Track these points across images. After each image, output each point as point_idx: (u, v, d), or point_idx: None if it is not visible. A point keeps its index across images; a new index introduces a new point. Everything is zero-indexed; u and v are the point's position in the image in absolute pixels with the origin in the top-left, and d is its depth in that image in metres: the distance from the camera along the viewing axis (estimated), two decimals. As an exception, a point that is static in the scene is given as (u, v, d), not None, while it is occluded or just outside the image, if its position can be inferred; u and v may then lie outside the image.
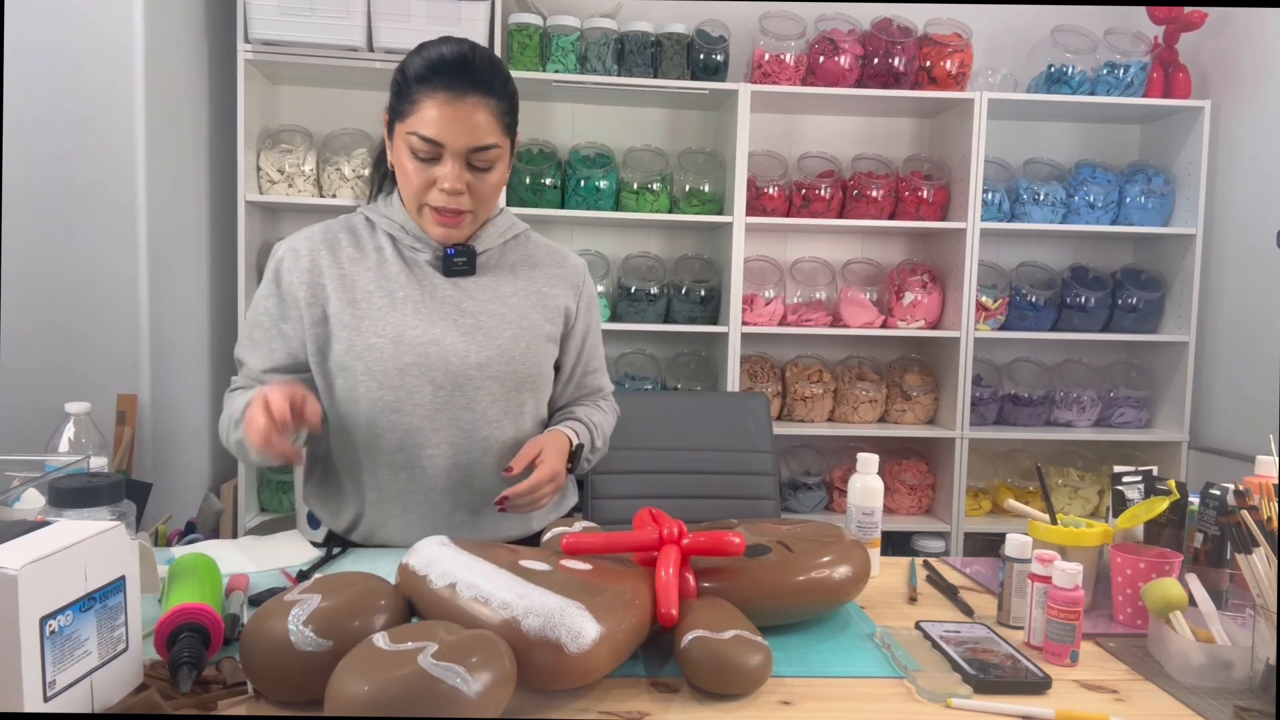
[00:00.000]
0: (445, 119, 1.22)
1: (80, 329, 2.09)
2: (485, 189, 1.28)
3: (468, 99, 1.22)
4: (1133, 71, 2.82)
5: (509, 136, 1.31)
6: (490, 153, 1.26)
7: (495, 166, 1.28)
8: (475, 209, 1.30)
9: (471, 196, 1.28)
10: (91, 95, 2.07)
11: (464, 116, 1.22)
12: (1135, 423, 3.02)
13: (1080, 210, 2.88)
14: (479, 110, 1.24)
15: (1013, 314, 2.92)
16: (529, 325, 1.37)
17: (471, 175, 1.27)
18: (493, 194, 1.31)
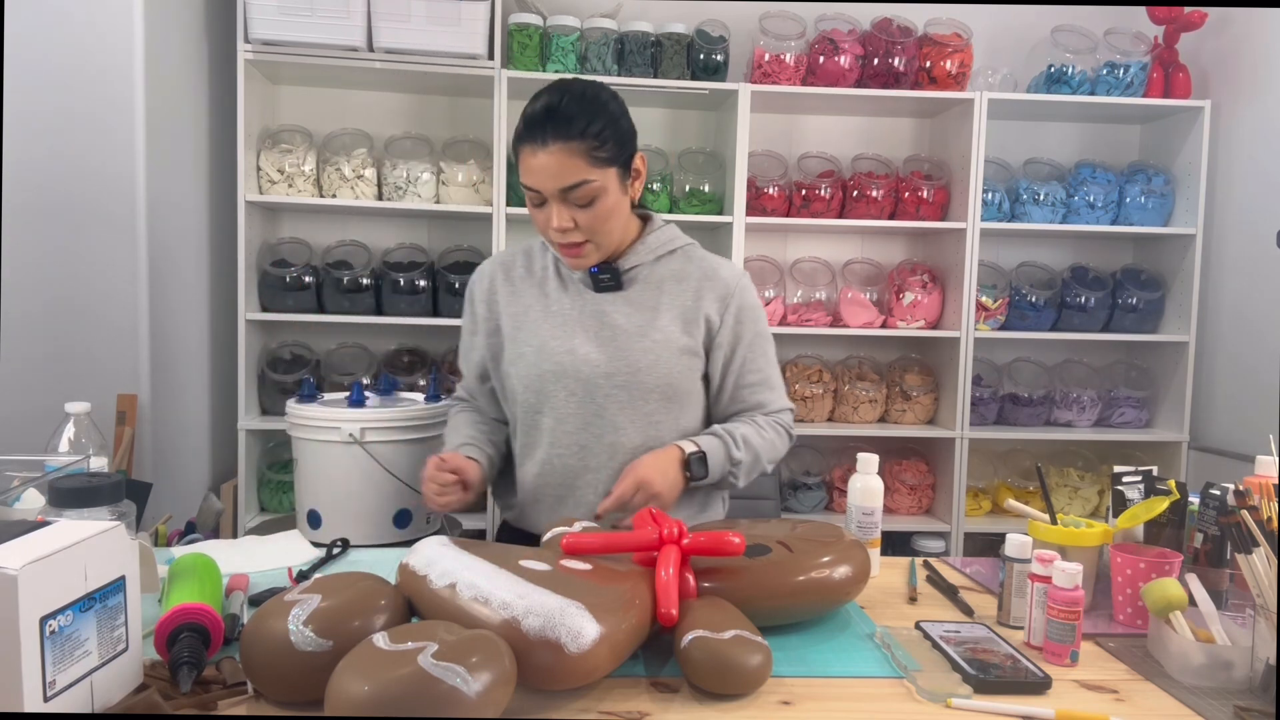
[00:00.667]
0: (535, 168, 1.34)
1: (80, 329, 2.09)
2: (594, 220, 1.37)
3: (550, 147, 1.32)
4: (1133, 71, 2.82)
5: (609, 167, 1.36)
6: (583, 189, 1.34)
7: (597, 199, 1.35)
8: (593, 238, 1.39)
9: (582, 230, 1.37)
10: (91, 95, 2.07)
11: (549, 164, 1.32)
12: (1135, 423, 3.02)
13: (1080, 210, 2.88)
14: (561, 155, 1.32)
15: (1013, 314, 2.92)
16: (664, 338, 1.43)
17: (577, 211, 1.36)
18: (604, 222, 1.38)
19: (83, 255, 2.08)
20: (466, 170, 2.67)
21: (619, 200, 1.39)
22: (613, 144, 1.36)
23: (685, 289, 1.47)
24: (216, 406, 2.61)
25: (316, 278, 2.67)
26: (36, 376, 2.02)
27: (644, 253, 1.47)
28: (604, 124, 1.34)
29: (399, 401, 1.75)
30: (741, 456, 1.43)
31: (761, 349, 1.50)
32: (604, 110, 1.36)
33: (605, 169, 1.35)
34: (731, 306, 1.47)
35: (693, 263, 1.50)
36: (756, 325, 1.49)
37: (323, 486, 1.65)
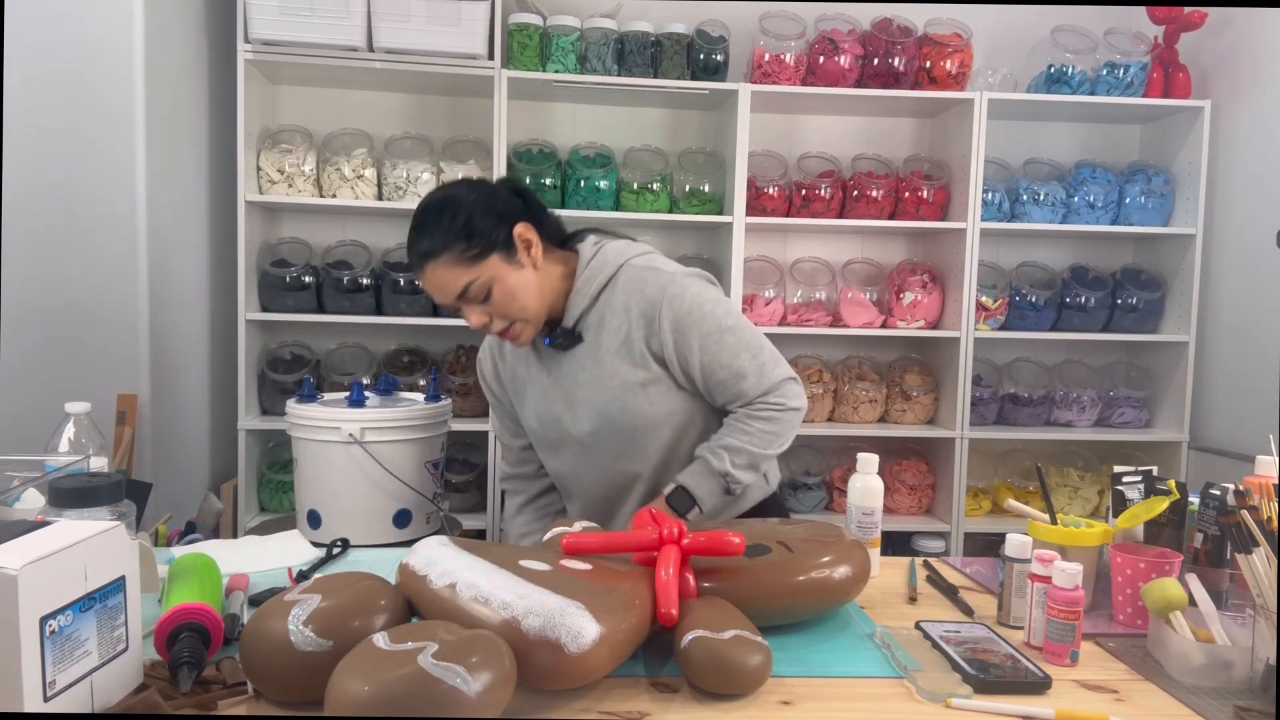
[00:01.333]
0: (429, 289, 1.41)
1: (80, 329, 2.09)
2: (501, 307, 1.40)
3: (425, 269, 1.39)
4: (1133, 71, 2.82)
5: (485, 258, 1.38)
6: (471, 289, 1.38)
7: (492, 289, 1.39)
8: (513, 319, 1.42)
9: (499, 318, 1.42)
10: (91, 95, 2.07)
11: (433, 284, 1.39)
12: (1135, 423, 3.02)
13: (1080, 210, 2.88)
14: (436, 272, 1.38)
15: (1013, 314, 2.92)
16: (620, 382, 1.45)
17: (481, 307, 1.40)
18: (512, 304, 1.40)
19: (83, 255, 2.08)
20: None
21: (517, 278, 1.40)
22: (479, 236, 1.37)
23: (619, 324, 1.45)
24: (216, 406, 2.61)
25: (316, 278, 2.67)
26: (36, 376, 2.02)
27: (580, 302, 1.46)
28: (460, 225, 1.37)
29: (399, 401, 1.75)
30: (726, 466, 1.42)
31: (716, 345, 1.44)
32: (456, 212, 1.38)
33: (482, 262, 1.37)
34: (664, 324, 1.43)
35: (623, 292, 1.46)
36: (701, 327, 1.43)
37: (323, 486, 1.65)
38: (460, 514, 2.70)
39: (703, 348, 1.43)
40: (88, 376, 2.07)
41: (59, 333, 2.07)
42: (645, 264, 1.48)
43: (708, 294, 1.46)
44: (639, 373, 1.44)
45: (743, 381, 1.45)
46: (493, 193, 1.44)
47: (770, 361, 1.48)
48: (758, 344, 1.48)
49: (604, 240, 1.52)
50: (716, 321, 1.44)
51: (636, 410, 1.46)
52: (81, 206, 2.08)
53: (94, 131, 2.08)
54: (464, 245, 1.36)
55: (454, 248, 1.36)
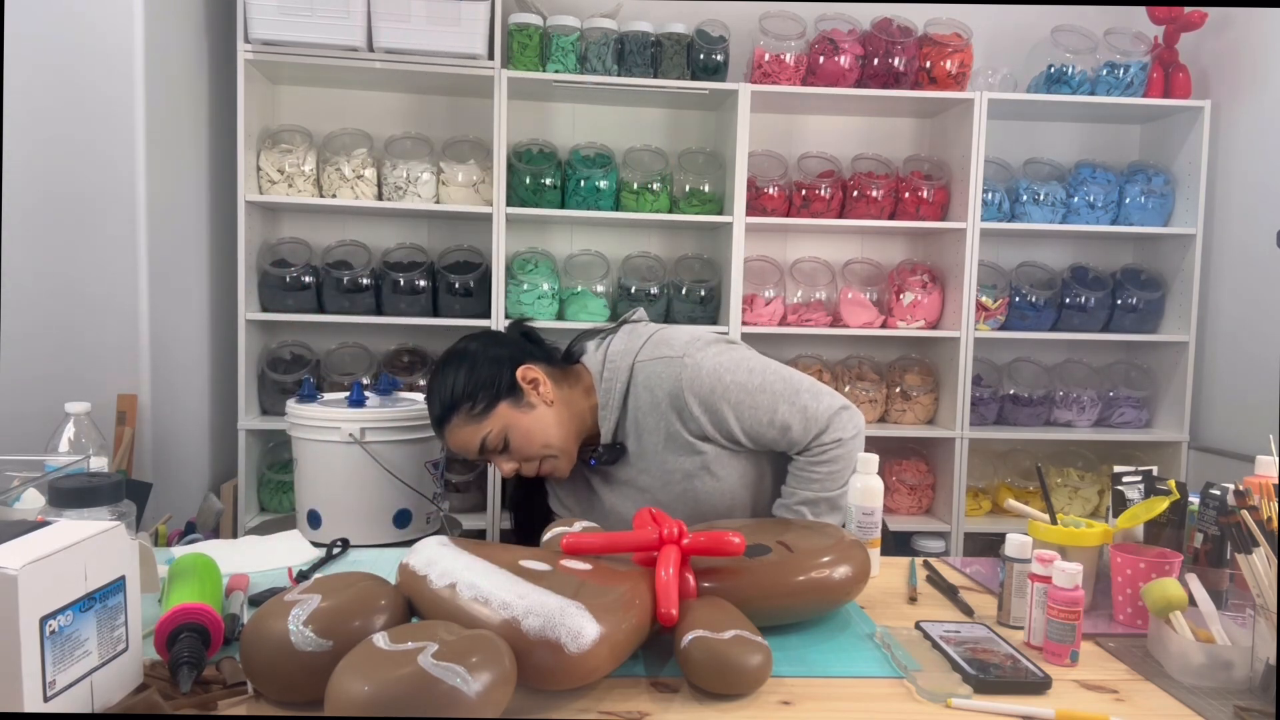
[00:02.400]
0: (453, 449, 1.45)
1: (80, 329, 2.09)
2: (524, 450, 1.42)
3: (445, 433, 1.43)
4: (1133, 71, 2.82)
5: (492, 410, 1.40)
6: (489, 441, 1.41)
7: (509, 437, 1.41)
8: (540, 457, 1.44)
9: (526, 461, 1.44)
10: (91, 95, 2.07)
11: (454, 445, 1.43)
12: (1135, 423, 3.02)
13: (1080, 210, 2.88)
14: (454, 433, 1.42)
15: (1013, 314, 2.92)
16: (682, 474, 1.45)
17: (505, 456, 1.43)
18: (532, 445, 1.42)
19: (83, 255, 2.08)
20: (466, 170, 2.67)
21: (531, 419, 1.41)
22: (482, 391, 1.40)
23: (655, 423, 1.45)
24: (216, 406, 2.61)
25: (316, 278, 2.67)
26: (36, 376, 2.02)
27: (610, 415, 1.46)
28: (463, 384, 1.40)
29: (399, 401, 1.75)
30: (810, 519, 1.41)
31: (751, 410, 1.41)
32: (459, 371, 1.41)
33: (490, 414, 1.40)
34: (693, 409, 1.41)
35: (645, 390, 1.44)
36: (729, 398, 1.41)
37: (323, 486, 1.65)
38: (460, 514, 2.70)
39: (739, 417, 1.42)
40: (88, 376, 2.07)
41: (59, 333, 2.07)
42: (651, 354, 1.45)
43: (722, 361, 1.43)
44: (694, 459, 1.44)
45: (790, 432, 1.42)
46: (494, 339, 1.47)
47: (811, 401, 1.42)
48: (791, 389, 1.43)
49: (605, 342, 1.50)
50: (741, 387, 1.41)
51: (709, 492, 1.46)
52: (81, 206, 2.08)
53: (94, 131, 2.08)
54: (469, 404, 1.39)
55: (460, 408, 1.40)
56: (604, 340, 1.51)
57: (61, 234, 2.06)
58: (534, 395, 1.42)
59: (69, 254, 2.07)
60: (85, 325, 2.09)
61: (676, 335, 1.48)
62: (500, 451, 1.42)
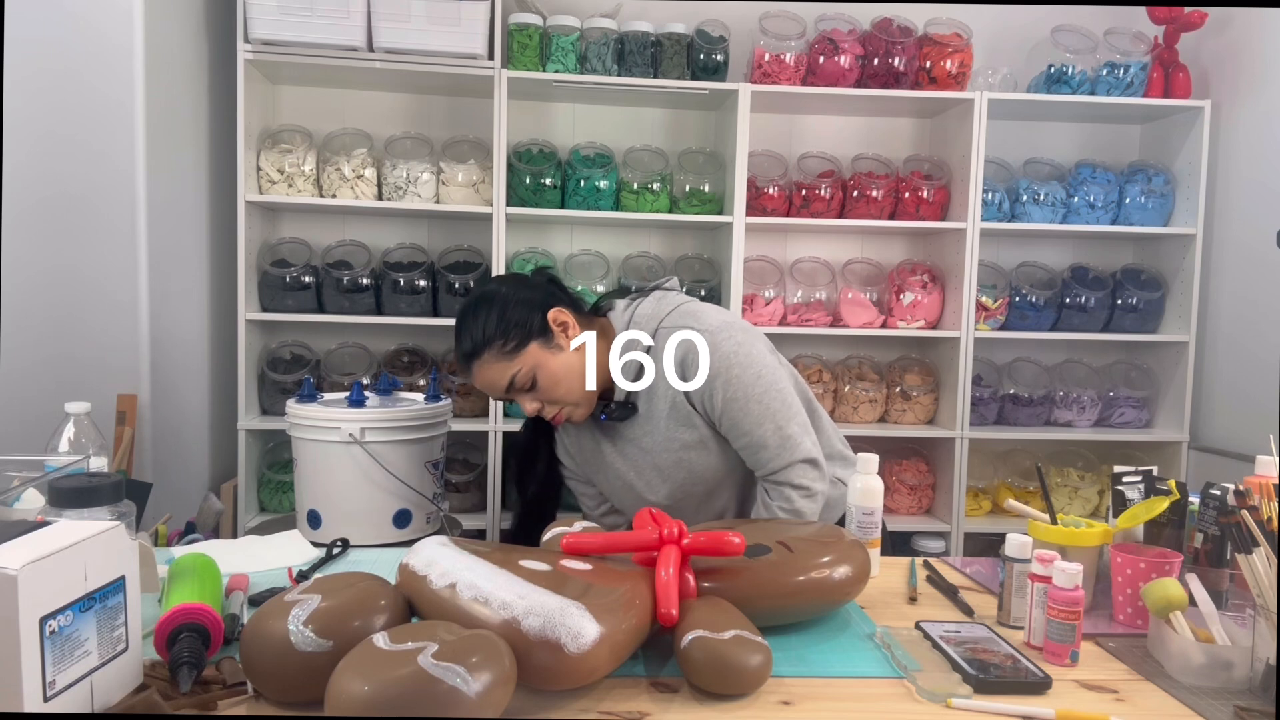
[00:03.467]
0: (479, 386, 1.47)
1: (80, 329, 2.09)
2: (548, 393, 1.44)
3: (471, 370, 1.45)
4: (1133, 71, 2.82)
5: (523, 349, 1.42)
6: (517, 379, 1.43)
7: (536, 377, 1.43)
8: (561, 401, 1.45)
9: (548, 402, 1.45)
10: (91, 95, 2.07)
11: (480, 381, 1.45)
12: (1135, 423, 3.02)
13: (1080, 210, 2.88)
14: (481, 371, 1.44)
15: (1013, 314, 2.92)
16: (680, 444, 1.48)
17: (530, 395, 1.45)
18: (556, 388, 1.44)
19: (83, 255, 2.08)
20: (466, 170, 2.67)
21: (558, 362, 1.43)
22: (514, 329, 1.42)
23: (665, 388, 1.46)
24: (216, 406, 2.61)
25: (316, 278, 2.67)
26: (36, 376, 2.02)
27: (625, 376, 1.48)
28: (495, 322, 1.42)
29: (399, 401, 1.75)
30: None
31: (740, 411, 1.41)
32: (490, 309, 1.43)
33: (520, 354, 1.42)
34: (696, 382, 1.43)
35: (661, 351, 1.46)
36: (727, 391, 1.41)
37: (323, 486, 1.65)
38: (460, 514, 2.70)
39: (725, 409, 1.42)
40: (88, 376, 2.07)
41: (59, 333, 2.07)
42: (676, 323, 1.46)
43: (739, 352, 1.43)
44: (692, 433, 1.47)
45: (762, 452, 1.43)
46: (523, 282, 1.48)
47: (797, 433, 1.43)
48: (785, 414, 1.43)
49: (635, 304, 1.51)
50: (742, 384, 1.41)
51: (701, 469, 1.49)
52: (81, 206, 2.08)
53: (94, 131, 2.08)
54: (502, 341, 1.41)
55: (493, 345, 1.41)
56: (634, 301, 1.53)
57: (62, 234, 2.06)
58: (563, 339, 1.44)
59: (69, 254, 2.07)
60: (85, 325, 2.09)
61: (705, 311, 1.48)
62: (526, 390, 1.43)
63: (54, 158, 2.05)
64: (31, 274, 2.02)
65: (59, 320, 2.07)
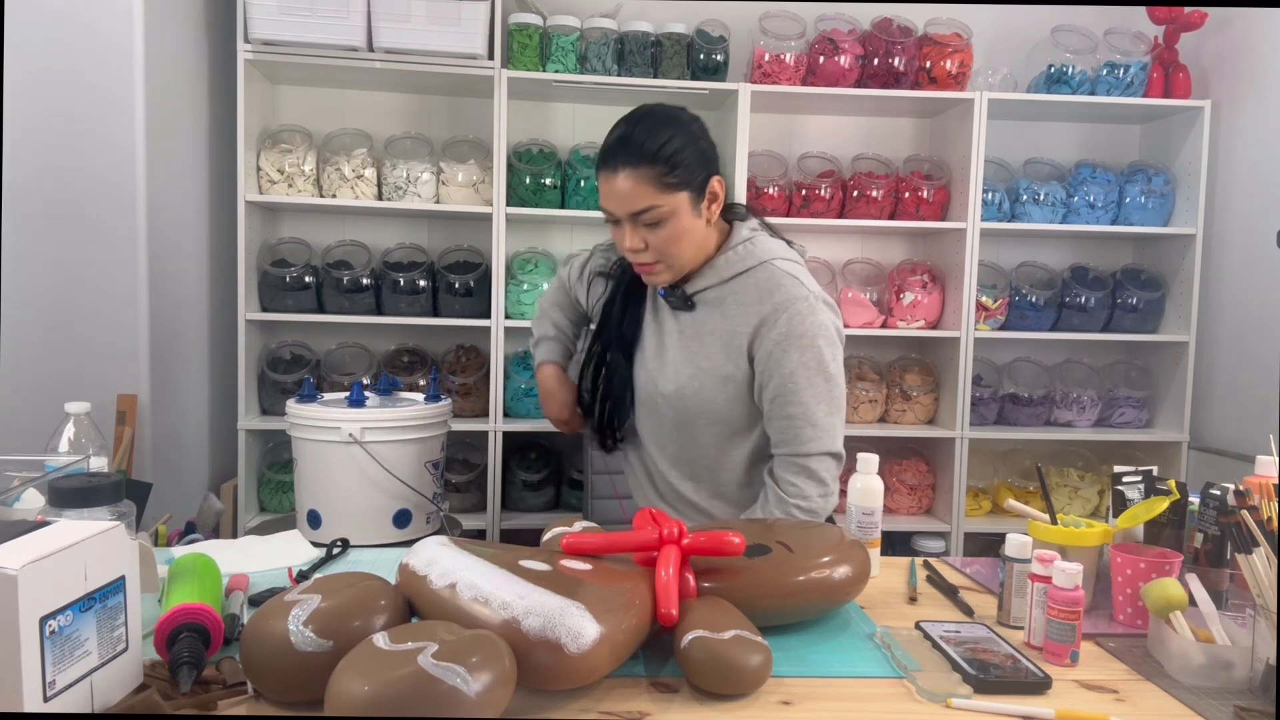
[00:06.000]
0: (606, 194, 1.40)
1: (80, 329, 2.09)
2: (663, 243, 1.40)
3: (619, 173, 1.37)
4: (1133, 71, 2.82)
5: (678, 192, 1.38)
6: (651, 213, 1.37)
7: (666, 223, 1.38)
8: (663, 259, 1.43)
9: (653, 251, 1.41)
10: (91, 95, 2.07)
11: (617, 189, 1.37)
12: (1135, 423, 3.02)
13: (1080, 210, 2.88)
14: (630, 180, 1.36)
15: (1013, 314, 2.92)
16: (710, 365, 1.47)
17: (647, 233, 1.40)
18: (673, 245, 1.41)
19: (83, 255, 2.08)
20: (466, 170, 2.67)
21: (691, 223, 1.40)
22: (683, 169, 1.37)
23: (736, 314, 1.45)
24: (216, 406, 2.61)
25: (316, 278, 2.67)
26: (36, 376, 2.02)
27: (712, 275, 1.47)
28: (675, 149, 1.36)
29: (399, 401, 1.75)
30: None
31: (806, 380, 1.39)
32: (678, 135, 1.37)
33: (674, 194, 1.37)
34: (775, 331, 1.40)
35: (756, 285, 1.45)
36: (804, 355, 1.39)
37: (323, 486, 1.65)
38: (460, 514, 2.70)
39: (793, 374, 1.40)
40: (88, 376, 2.07)
41: (59, 333, 2.07)
42: (788, 270, 1.45)
43: (828, 330, 1.42)
44: (728, 365, 1.45)
45: (806, 428, 1.41)
46: (708, 134, 1.44)
47: (838, 428, 1.44)
48: (838, 405, 1.44)
49: (760, 232, 1.51)
50: (819, 359, 1.40)
51: (709, 397, 1.47)
52: (82, 206, 2.08)
53: (94, 131, 2.08)
54: (666, 169, 1.35)
55: (658, 165, 1.35)
56: (761, 229, 1.52)
57: (62, 234, 2.06)
58: (708, 208, 1.43)
59: (69, 254, 2.07)
60: (85, 325, 2.09)
61: (813, 281, 1.48)
62: (648, 227, 1.38)
63: (54, 158, 2.05)
64: (32, 274, 2.02)
65: (59, 320, 2.07)
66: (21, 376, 2.00)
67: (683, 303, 1.49)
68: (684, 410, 1.49)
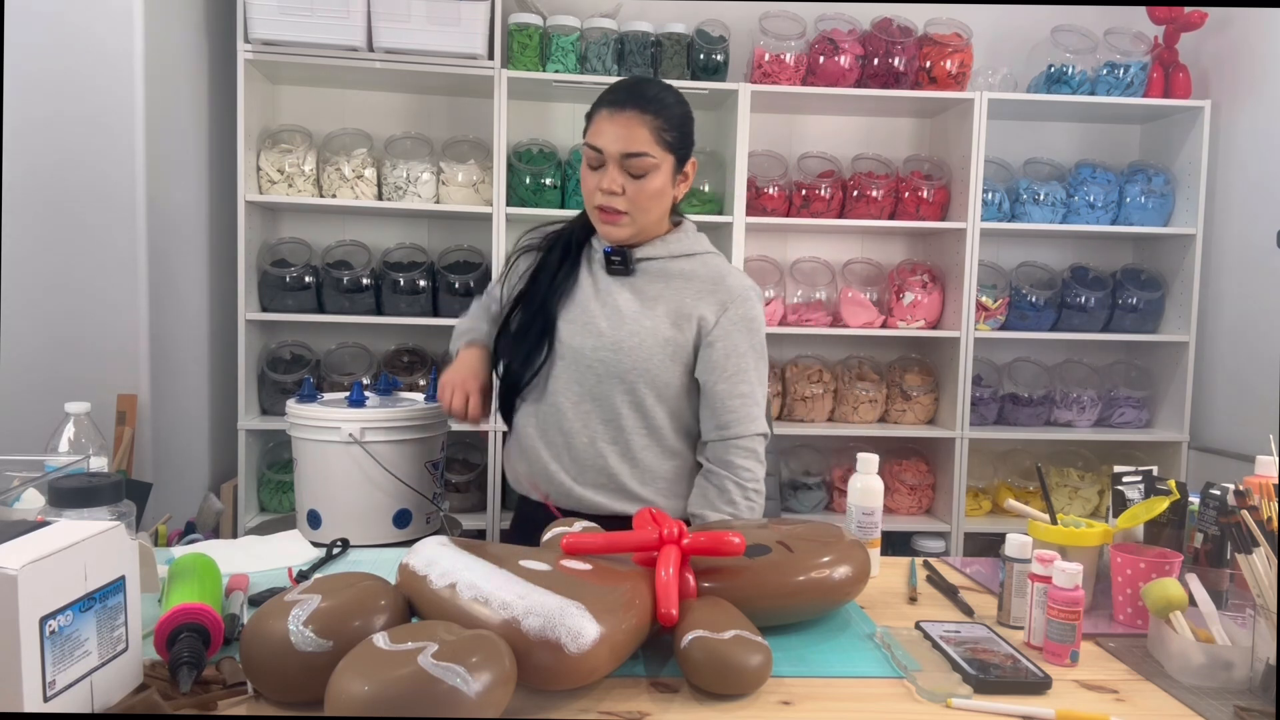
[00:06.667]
0: (605, 129, 1.44)
1: (80, 329, 2.09)
2: (639, 194, 1.45)
3: (625, 111, 1.43)
4: (1133, 71, 2.82)
5: (669, 153, 1.46)
6: (643, 160, 1.43)
7: (650, 175, 1.45)
8: (632, 211, 1.47)
9: (627, 199, 1.45)
10: (92, 95, 2.07)
11: (619, 126, 1.43)
12: (1135, 423, 3.02)
13: (1080, 210, 2.88)
14: (634, 123, 1.43)
15: (1013, 314, 2.92)
16: (651, 325, 1.50)
17: (627, 180, 1.44)
18: (649, 200, 1.47)
19: (83, 255, 2.08)
20: (466, 170, 2.67)
21: (665, 187, 1.48)
22: (677, 133, 1.47)
23: (687, 289, 1.53)
24: (216, 406, 2.61)
25: (316, 278, 2.67)
26: (36, 376, 2.02)
27: (661, 249, 1.54)
28: (675, 113, 1.47)
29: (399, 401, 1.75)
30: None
31: (755, 365, 1.52)
32: (679, 104, 1.49)
33: (665, 152, 1.45)
34: (730, 313, 1.50)
35: (705, 269, 1.55)
36: (753, 340, 1.51)
37: (323, 486, 1.65)
38: (460, 514, 2.70)
39: (744, 355, 1.50)
40: (88, 376, 2.07)
41: (59, 333, 2.07)
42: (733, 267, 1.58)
43: (761, 326, 1.55)
44: (672, 330, 1.50)
45: (743, 407, 1.49)
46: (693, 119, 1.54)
47: (760, 405, 1.54)
48: (761, 390, 1.55)
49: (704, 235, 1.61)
50: (762, 347, 1.54)
51: (647, 354, 1.49)
52: (82, 206, 2.08)
53: (94, 132, 2.08)
54: (666, 126, 1.44)
55: (661, 119, 1.44)
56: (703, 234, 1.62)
57: (62, 234, 2.06)
58: (681, 183, 1.52)
59: (69, 254, 2.07)
60: (85, 325, 2.09)
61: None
62: (632, 176, 1.44)
63: (54, 158, 2.05)
64: (32, 274, 2.02)
65: (59, 320, 2.07)
66: (21, 376, 2.00)
67: (624, 266, 1.53)
68: (616, 365, 1.49)
